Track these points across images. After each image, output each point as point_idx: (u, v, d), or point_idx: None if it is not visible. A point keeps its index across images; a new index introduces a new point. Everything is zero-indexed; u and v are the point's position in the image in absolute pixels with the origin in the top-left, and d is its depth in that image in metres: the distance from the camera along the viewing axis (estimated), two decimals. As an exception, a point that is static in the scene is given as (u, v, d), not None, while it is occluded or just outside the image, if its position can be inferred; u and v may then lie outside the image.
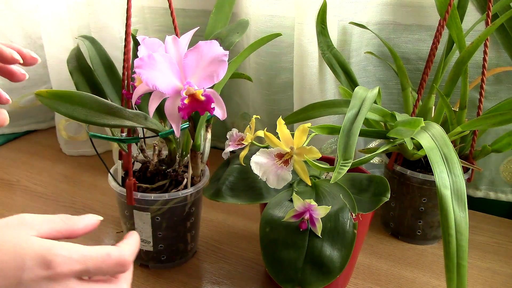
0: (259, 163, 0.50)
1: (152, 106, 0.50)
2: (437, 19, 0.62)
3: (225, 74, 0.48)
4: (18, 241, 0.35)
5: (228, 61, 0.48)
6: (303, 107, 0.64)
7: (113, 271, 0.37)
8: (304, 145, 0.50)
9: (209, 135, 0.60)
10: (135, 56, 0.53)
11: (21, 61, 0.42)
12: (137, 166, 0.65)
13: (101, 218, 0.41)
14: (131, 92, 0.55)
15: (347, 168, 0.46)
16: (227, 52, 0.47)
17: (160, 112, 0.62)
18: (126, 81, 0.56)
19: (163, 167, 0.63)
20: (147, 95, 0.53)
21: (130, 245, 0.39)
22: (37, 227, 0.36)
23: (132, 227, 0.61)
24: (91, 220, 0.40)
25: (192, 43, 0.49)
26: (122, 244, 0.39)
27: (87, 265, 0.35)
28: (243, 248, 0.69)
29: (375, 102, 0.56)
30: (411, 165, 0.68)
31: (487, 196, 0.79)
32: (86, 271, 0.35)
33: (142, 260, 0.64)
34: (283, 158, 0.50)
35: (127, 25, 0.53)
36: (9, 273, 0.33)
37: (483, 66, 0.63)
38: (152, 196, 0.58)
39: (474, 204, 0.79)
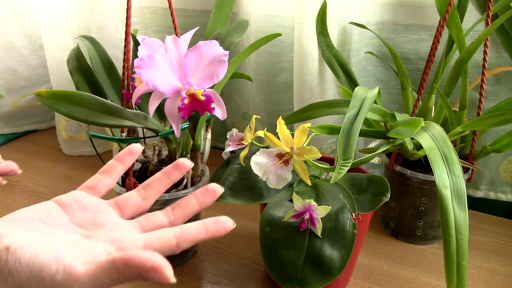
0: (259, 163, 0.50)
1: (152, 106, 0.50)
2: (437, 19, 0.62)
3: (225, 74, 0.48)
4: None
5: (228, 61, 0.48)
6: (303, 107, 0.64)
7: None
8: (304, 145, 0.50)
9: (209, 135, 0.60)
10: (135, 56, 0.53)
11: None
12: (137, 166, 0.65)
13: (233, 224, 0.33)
14: (131, 92, 0.55)
15: (347, 168, 0.46)
16: (227, 52, 0.47)
17: (160, 112, 0.62)
18: (126, 81, 0.56)
19: (163, 167, 0.63)
20: (147, 95, 0.53)
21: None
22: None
23: (132, 227, 0.61)
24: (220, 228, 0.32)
25: (192, 43, 0.49)
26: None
27: None
28: (243, 248, 0.69)
29: (375, 102, 0.56)
30: (411, 165, 0.68)
31: (487, 196, 0.79)
32: None
33: (142, 260, 0.64)
34: (283, 158, 0.50)
35: (127, 25, 0.53)
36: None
37: (483, 66, 0.63)
38: (152, 196, 0.57)
39: (474, 204, 0.79)
